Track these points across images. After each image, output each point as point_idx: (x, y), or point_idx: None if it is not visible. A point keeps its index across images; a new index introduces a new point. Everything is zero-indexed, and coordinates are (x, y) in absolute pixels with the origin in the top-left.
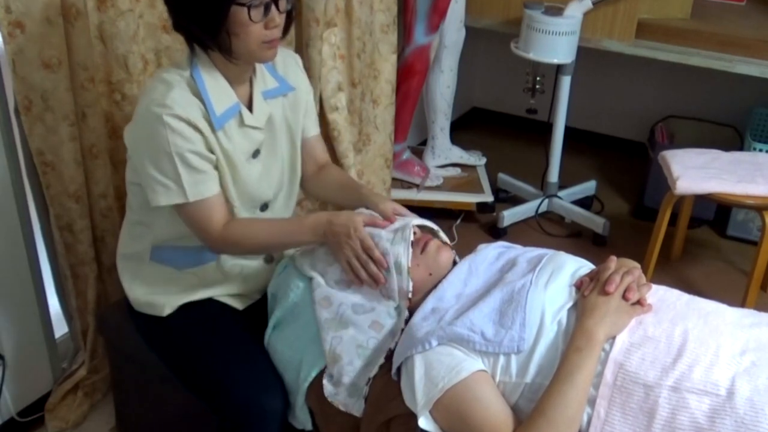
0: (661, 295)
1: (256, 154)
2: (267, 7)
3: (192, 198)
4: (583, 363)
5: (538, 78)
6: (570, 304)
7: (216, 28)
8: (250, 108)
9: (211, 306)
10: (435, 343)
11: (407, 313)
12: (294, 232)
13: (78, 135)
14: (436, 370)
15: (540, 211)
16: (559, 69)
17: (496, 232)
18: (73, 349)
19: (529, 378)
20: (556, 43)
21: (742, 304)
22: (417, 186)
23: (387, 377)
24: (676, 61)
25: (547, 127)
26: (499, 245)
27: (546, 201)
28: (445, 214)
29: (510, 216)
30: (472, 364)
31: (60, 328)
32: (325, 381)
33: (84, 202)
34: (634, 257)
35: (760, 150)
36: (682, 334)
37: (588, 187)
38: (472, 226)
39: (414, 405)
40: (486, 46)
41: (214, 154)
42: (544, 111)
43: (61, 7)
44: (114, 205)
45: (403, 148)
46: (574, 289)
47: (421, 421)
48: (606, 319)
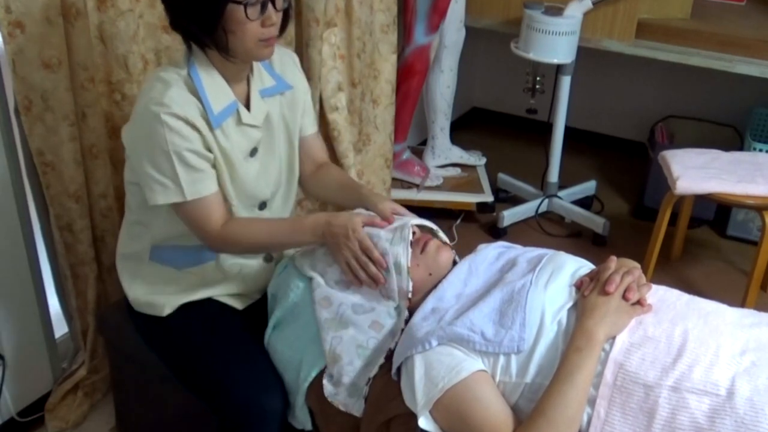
0: (661, 295)
1: (253, 152)
2: (264, 5)
3: (190, 197)
4: (583, 363)
5: (538, 78)
6: (570, 304)
7: (213, 26)
8: (248, 106)
9: (210, 306)
10: (435, 343)
11: (407, 313)
12: (293, 232)
13: (78, 135)
14: (436, 370)
15: (540, 211)
16: (559, 69)
17: (496, 232)
18: (73, 349)
19: (529, 378)
20: (556, 43)
21: (742, 304)
22: (417, 186)
23: (387, 377)
24: (676, 61)
25: (547, 127)
26: (499, 245)
27: (546, 201)
28: (445, 214)
29: (510, 216)
30: (472, 364)
31: (60, 328)
32: (325, 381)
33: (84, 202)
34: (634, 257)
35: (760, 150)
36: (682, 334)
37: (588, 187)
38: (472, 226)
39: (414, 405)
40: (486, 46)
41: (211, 152)
42: (544, 111)
43: (61, 7)
44: (114, 205)
45: (403, 148)
46: (574, 289)
47: (421, 421)
48: (606, 319)
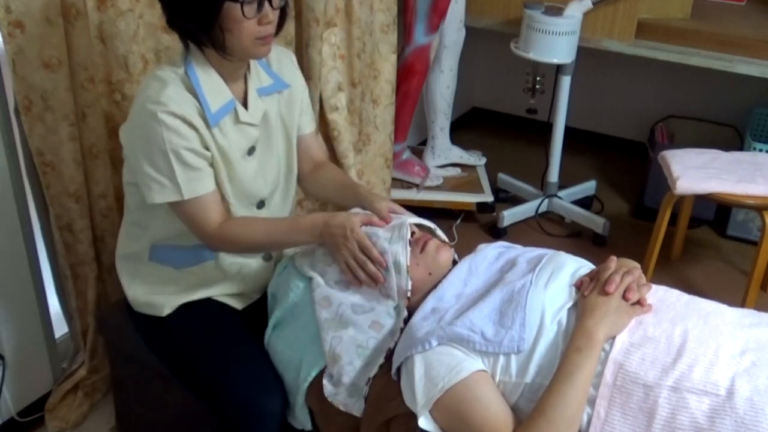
0: (661, 296)
1: (251, 151)
2: (260, 4)
3: (187, 195)
4: (583, 363)
5: (538, 78)
6: (570, 304)
7: (209, 24)
8: (245, 105)
9: (210, 306)
10: (435, 343)
11: (406, 313)
12: (291, 232)
13: (78, 135)
14: (436, 370)
15: (540, 211)
16: (559, 69)
17: (496, 232)
18: (73, 349)
19: (529, 378)
20: (556, 43)
21: (742, 304)
22: (417, 186)
23: (387, 377)
24: (676, 61)
25: (547, 127)
26: (499, 245)
27: (546, 201)
28: (445, 214)
29: (510, 216)
30: (472, 364)
31: (60, 328)
32: (325, 381)
33: (84, 202)
34: (634, 257)
35: (760, 150)
36: (682, 335)
37: (588, 187)
38: (472, 226)
39: (414, 405)
40: (486, 46)
41: (209, 150)
42: (544, 111)
43: (61, 7)
44: (114, 205)
45: (403, 148)
46: (574, 289)
47: (421, 421)
48: (606, 319)
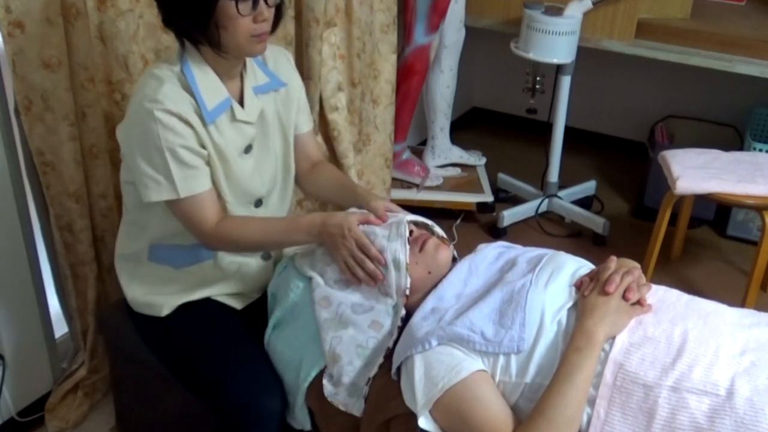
0: (661, 296)
1: (248, 149)
2: (255, 1)
3: (183, 194)
4: (583, 363)
5: (538, 78)
6: (570, 304)
7: (205, 22)
8: (242, 103)
9: (209, 306)
10: (435, 342)
11: (404, 312)
12: (288, 232)
13: (78, 135)
14: (436, 370)
15: (540, 211)
16: (559, 69)
17: (496, 232)
18: (73, 349)
19: (528, 378)
20: (556, 43)
21: (742, 304)
22: (417, 186)
23: (387, 377)
24: (676, 61)
25: (547, 127)
26: (499, 245)
27: (546, 201)
28: (445, 214)
29: (510, 216)
30: (472, 364)
31: (60, 328)
32: (325, 381)
33: (84, 202)
34: (634, 257)
35: (760, 150)
36: (681, 335)
37: (588, 187)
38: (472, 226)
39: (414, 405)
40: (486, 46)
41: (205, 149)
42: (544, 111)
43: (61, 7)
44: (114, 205)
45: (403, 148)
46: (574, 289)
47: (421, 421)
48: (606, 319)
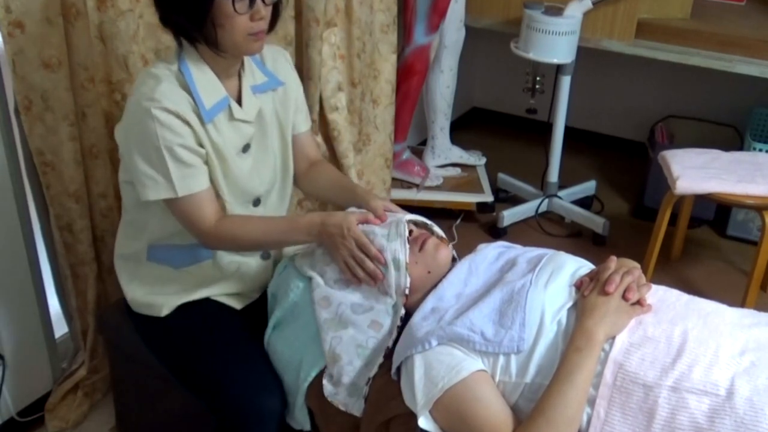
0: (661, 296)
1: (246, 148)
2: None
3: (181, 192)
4: (583, 363)
5: (538, 78)
6: (570, 304)
7: (201, 20)
8: (240, 102)
9: (209, 306)
10: (435, 342)
11: (403, 311)
12: (288, 231)
13: (78, 135)
14: (435, 370)
15: (540, 211)
16: (559, 69)
17: (496, 232)
18: (73, 349)
19: (528, 378)
20: (556, 43)
21: (742, 304)
22: (417, 186)
23: (387, 377)
24: (676, 61)
25: (547, 127)
26: (499, 245)
27: (546, 201)
28: (445, 214)
29: (510, 216)
30: (472, 364)
31: (60, 328)
32: (324, 381)
33: (84, 202)
34: (634, 257)
35: (760, 150)
36: (681, 335)
37: (588, 187)
38: (472, 226)
39: (414, 405)
40: (486, 46)
41: (203, 147)
42: (544, 111)
43: (61, 7)
44: (114, 205)
45: (403, 148)
46: (573, 289)
47: (421, 421)
48: (606, 319)
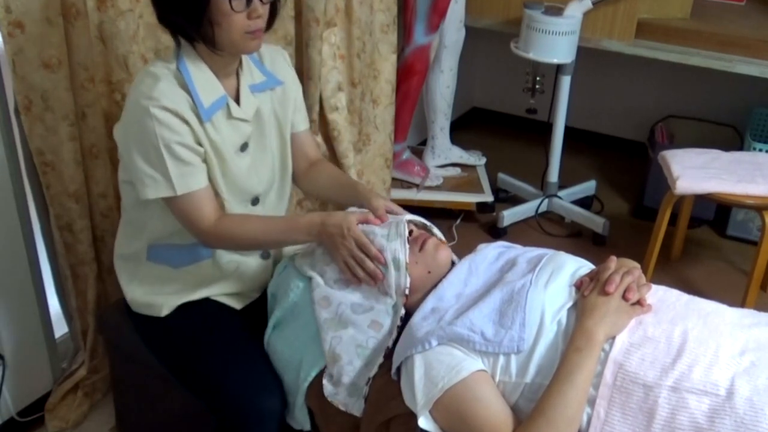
0: (661, 296)
1: (244, 147)
2: None
3: (180, 191)
4: (583, 363)
5: (538, 78)
6: (570, 304)
7: (198, 18)
8: (238, 101)
9: (208, 306)
10: (435, 342)
11: (403, 311)
12: (288, 231)
13: (78, 135)
14: (435, 370)
15: (540, 211)
16: (559, 69)
17: (496, 232)
18: (73, 349)
19: (528, 378)
20: (556, 43)
21: (742, 304)
22: (417, 186)
23: (387, 377)
24: (676, 61)
25: (547, 127)
26: (499, 245)
27: (546, 201)
28: (445, 214)
29: (510, 216)
30: (472, 364)
31: (60, 328)
32: (324, 381)
33: (84, 202)
34: (634, 257)
35: (760, 150)
36: (681, 335)
37: (588, 187)
38: (472, 226)
39: (414, 405)
40: (486, 46)
41: (202, 146)
42: (544, 111)
43: (61, 7)
44: (114, 205)
45: (403, 148)
46: (574, 289)
47: (421, 421)
48: (606, 319)
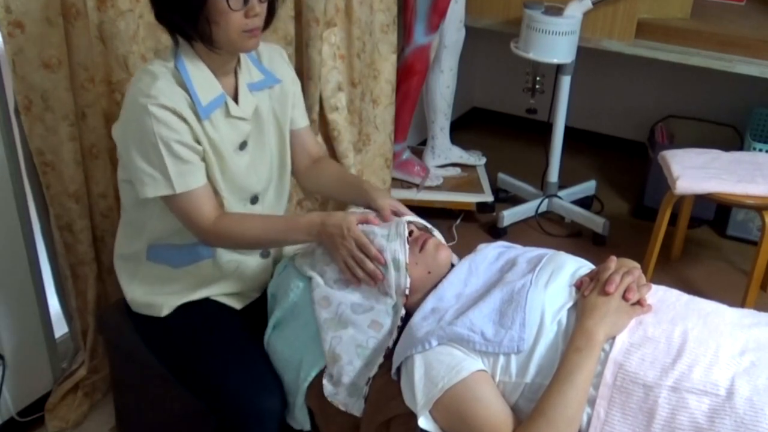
0: (661, 296)
1: (243, 145)
2: None
3: (179, 189)
4: (583, 363)
5: (538, 78)
6: (570, 304)
7: (195, 17)
8: (236, 100)
9: (208, 306)
10: (435, 342)
11: (404, 311)
12: (287, 230)
13: (78, 135)
14: (435, 370)
15: (540, 211)
16: (559, 69)
17: (496, 232)
18: (73, 349)
19: (528, 378)
20: (556, 43)
21: (742, 304)
22: (417, 186)
23: (387, 377)
24: (676, 61)
25: (547, 127)
26: (499, 245)
27: (546, 201)
28: (445, 214)
29: (510, 216)
30: (472, 364)
31: (60, 328)
32: (324, 381)
33: (84, 202)
34: (634, 257)
35: (760, 150)
36: (681, 335)
37: (588, 187)
38: (472, 226)
39: (414, 405)
40: (486, 46)
41: (200, 144)
42: (544, 111)
43: (61, 7)
44: (114, 205)
45: (403, 148)
46: (574, 289)
47: (421, 421)
48: (606, 319)
